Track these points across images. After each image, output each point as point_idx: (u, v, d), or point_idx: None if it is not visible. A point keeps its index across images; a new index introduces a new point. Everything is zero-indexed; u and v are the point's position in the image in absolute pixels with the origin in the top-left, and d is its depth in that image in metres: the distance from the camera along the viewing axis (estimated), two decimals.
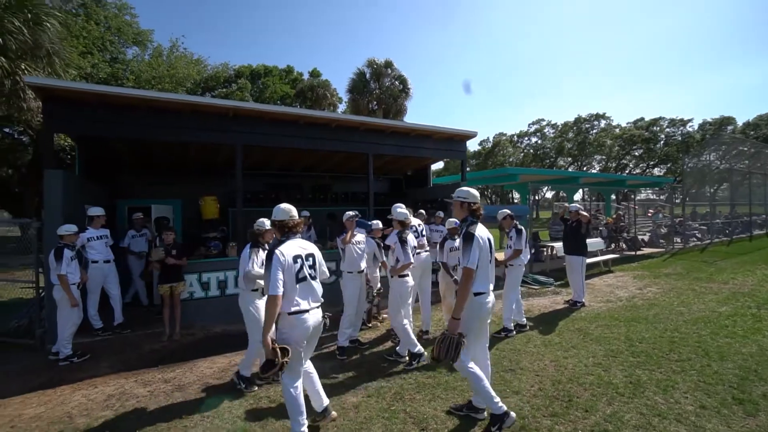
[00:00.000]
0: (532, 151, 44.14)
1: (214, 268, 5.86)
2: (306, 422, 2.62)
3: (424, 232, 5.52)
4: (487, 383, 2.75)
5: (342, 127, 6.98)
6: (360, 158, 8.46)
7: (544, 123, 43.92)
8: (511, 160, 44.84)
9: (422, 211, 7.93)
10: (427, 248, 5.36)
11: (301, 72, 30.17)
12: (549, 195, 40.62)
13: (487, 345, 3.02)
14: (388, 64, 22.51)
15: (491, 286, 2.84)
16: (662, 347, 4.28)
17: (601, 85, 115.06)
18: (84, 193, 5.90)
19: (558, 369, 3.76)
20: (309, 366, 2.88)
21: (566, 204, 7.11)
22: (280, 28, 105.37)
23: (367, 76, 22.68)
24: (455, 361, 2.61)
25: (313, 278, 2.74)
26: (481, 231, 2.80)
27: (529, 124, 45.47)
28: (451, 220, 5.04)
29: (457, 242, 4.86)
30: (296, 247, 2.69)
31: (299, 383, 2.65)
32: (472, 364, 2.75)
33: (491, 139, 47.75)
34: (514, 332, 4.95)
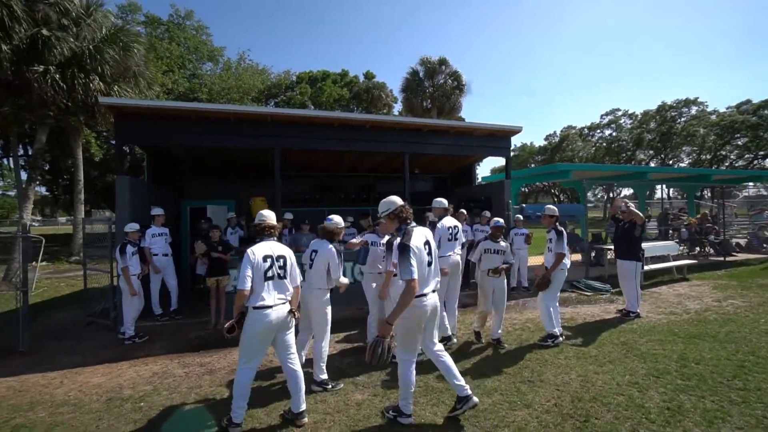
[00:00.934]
0: (605, 144, 40.03)
1: None
2: (243, 408, 2.85)
3: (458, 235, 5.23)
4: (411, 391, 2.85)
5: (377, 128, 7.07)
6: (401, 158, 8.47)
7: (620, 113, 39.55)
8: (581, 155, 41.21)
9: (463, 210, 7.69)
10: (458, 251, 5.11)
11: (357, 75, 31.00)
12: (627, 192, 36.58)
13: (436, 346, 2.99)
14: (443, 62, 22.13)
15: (430, 288, 2.83)
16: (724, 372, 3.65)
17: (690, 67, 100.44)
18: (151, 195, 6.76)
19: (584, 385, 3.41)
20: (296, 365, 3.00)
21: (625, 202, 6.33)
22: (338, 34, 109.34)
23: (421, 74, 22.55)
24: (387, 363, 2.74)
25: (282, 277, 2.92)
26: (416, 238, 2.77)
27: (601, 115, 41.24)
28: (495, 219, 4.75)
29: (503, 244, 4.57)
30: (267, 248, 2.92)
31: (250, 369, 2.89)
32: (411, 366, 2.85)
33: (558, 133, 44.40)
34: (562, 338, 4.58)
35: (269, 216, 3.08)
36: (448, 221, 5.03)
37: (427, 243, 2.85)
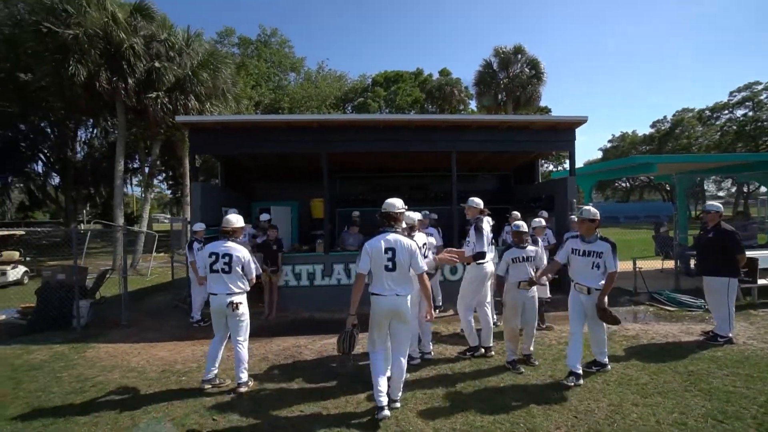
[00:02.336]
0: (735, 128, 32.67)
1: (304, 262, 6.79)
2: (212, 371, 3.67)
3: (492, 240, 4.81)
4: (378, 380, 3.00)
5: (421, 128, 6.98)
6: (458, 156, 8.23)
7: (760, 87, 31.77)
8: (701, 141, 34.43)
9: (516, 212, 7.19)
10: (492, 259, 4.71)
11: (431, 73, 30.72)
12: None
13: (400, 347, 3.14)
14: (518, 50, 20.64)
15: (389, 291, 3.01)
16: None
17: None
18: (223, 198, 7.74)
19: (611, 416, 2.94)
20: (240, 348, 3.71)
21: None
22: (419, 33, 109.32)
23: (495, 66, 21.38)
24: (351, 351, 3.02)
25: (226, 272, 3.54)
26: (376, 241, 3.03)
27: (731, 93, 33.55)
28: (515, 223, 4.32)
29: (531, 249, 4.15)
30: (219, 246, 3.57)
31: (214, 340, 3.75)
32: (375, 356, 3.09)
33: (669, 118, 37.79)
34: (609, 366, 3.85)
35: (228, 221, 3.66)
36: (487, 225, 4.71)
37: (390, 250, 3.00)
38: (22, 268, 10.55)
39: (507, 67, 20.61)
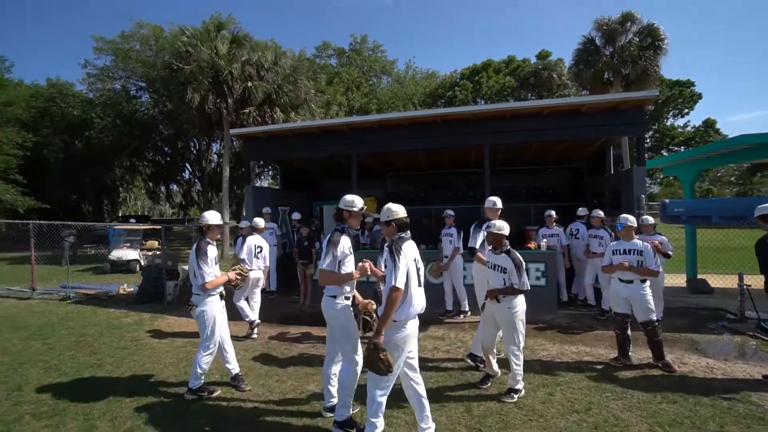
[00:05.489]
0: None
1: None
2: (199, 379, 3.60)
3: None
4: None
5: (450, 122, 6.67)
6: (514, 149, 7.65)
7: None
8: None
9: (584, 208, 6.43)
10: None
11: (527, 58, 28.14)
12: None
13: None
14: (627, 17, 17.33)
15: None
16: None
17: None
18: (279, 198, 8.69)
19: None
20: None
21: None
22: (516, 20, 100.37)
23: (597, 41, 18.42)
24: None
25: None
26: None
27: None
28: (487, 222, 3.81)
29: (505, 258, 3.43)
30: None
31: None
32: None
33: None
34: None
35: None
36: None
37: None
38: None
39: (613, 41, 17.52)
